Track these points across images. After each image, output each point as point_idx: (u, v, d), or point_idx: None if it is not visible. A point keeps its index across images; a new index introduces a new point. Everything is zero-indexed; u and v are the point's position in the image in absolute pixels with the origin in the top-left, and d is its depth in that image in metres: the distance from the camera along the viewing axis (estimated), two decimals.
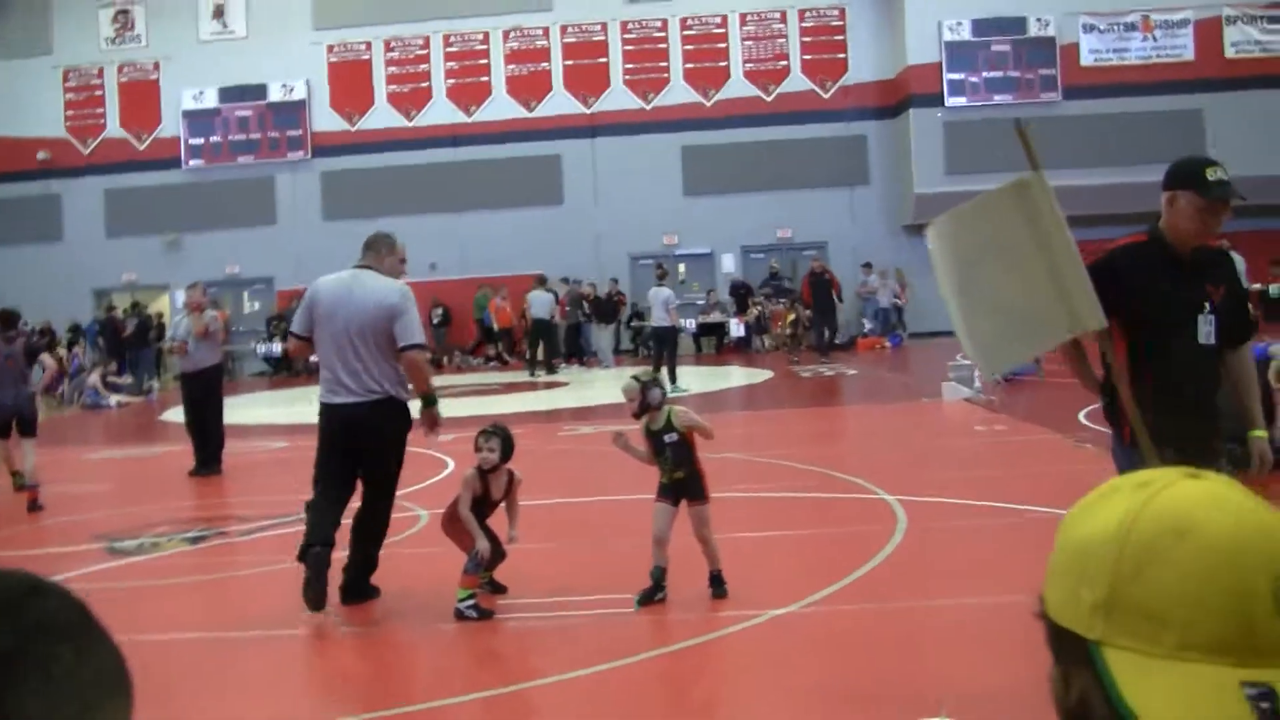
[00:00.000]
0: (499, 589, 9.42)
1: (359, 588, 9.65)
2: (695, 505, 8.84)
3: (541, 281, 36.00)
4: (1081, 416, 17.08)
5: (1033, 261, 5.87)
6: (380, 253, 10.20)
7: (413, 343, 9.65)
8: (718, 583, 8.87)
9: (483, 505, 9.25)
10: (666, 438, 8.84)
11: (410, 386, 9.81)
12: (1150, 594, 1.33)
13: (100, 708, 1.18)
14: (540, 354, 34.13)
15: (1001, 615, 7.94)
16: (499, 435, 9.36)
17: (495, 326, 38.64)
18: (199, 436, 17.67)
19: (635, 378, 9.08)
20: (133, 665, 1.27)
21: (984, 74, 39.04)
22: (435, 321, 39.49)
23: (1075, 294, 5.79)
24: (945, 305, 6.18)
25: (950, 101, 38.90)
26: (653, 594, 8.80)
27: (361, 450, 9.76)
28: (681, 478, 8.86)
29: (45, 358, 16.47)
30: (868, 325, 37.99)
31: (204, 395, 17.81)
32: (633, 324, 38.63)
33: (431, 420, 10.04)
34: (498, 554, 9.24)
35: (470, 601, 8.83)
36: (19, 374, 15.88)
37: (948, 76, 39.00)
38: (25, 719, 1.11)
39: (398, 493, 10.14)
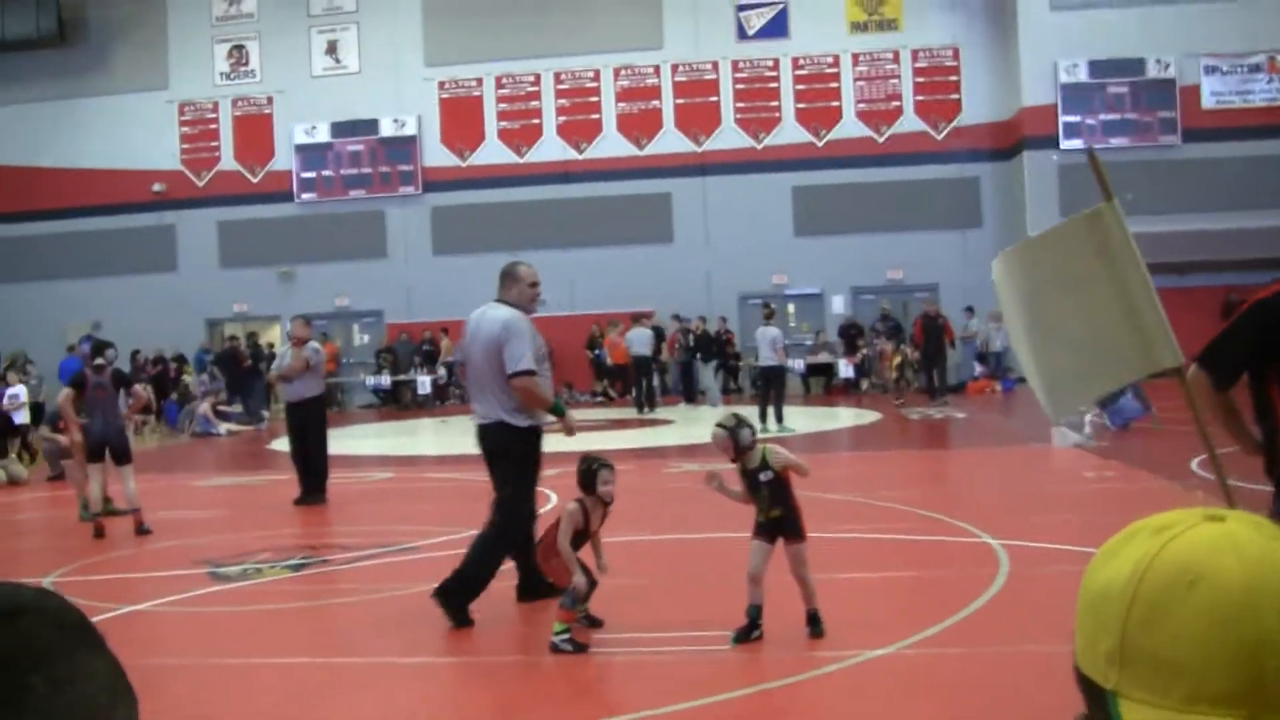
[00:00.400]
0: (595, 623, 9.40)
1: (448, 597, 9.81)
2: (792, 544, 8.77)
3: (637, 319, 36.07)
4: (1194, 465, 16.83)
5: (1105, 295, 5.64)
6: (506, 284, 10.67)
7: (516, 370, 10.12)
8: (814, 622, 8.79)
9: (581, 538, 9.23)
10: (761, 476, 8.77)
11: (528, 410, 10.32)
12: (1161, 645, 1.30)
13: None
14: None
15: None
16: (611, 468, 9.40)
17: (609, 362, 38.67)
18: (303, 465, 17.79)
19: (720, 424, 9.01)
20: (230, 689, 1.22)
21: (1101, 116, 38.51)
22: None
23: (1151, 329, 5.57)
24: (1011, 343, 6.02)
25: (1065, 144, 38.36)
26: (748, 632, 8.73)
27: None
28: (778, 516, 8.79)
29: (136, 388, 16.69)
30: (978, 369, 37.65)
31: (308, 425, 17.91)
32: (728, 364, 38.58)
33: (566, 427, 10.64)
34: (591, 585, 9.21)
35: (566, 635, 8.80)
36: (109, 403, 16.10)
37: (1063, 119, 38.52)
38: None
39: None
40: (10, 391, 25.50)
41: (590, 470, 9.33)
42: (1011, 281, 6.02)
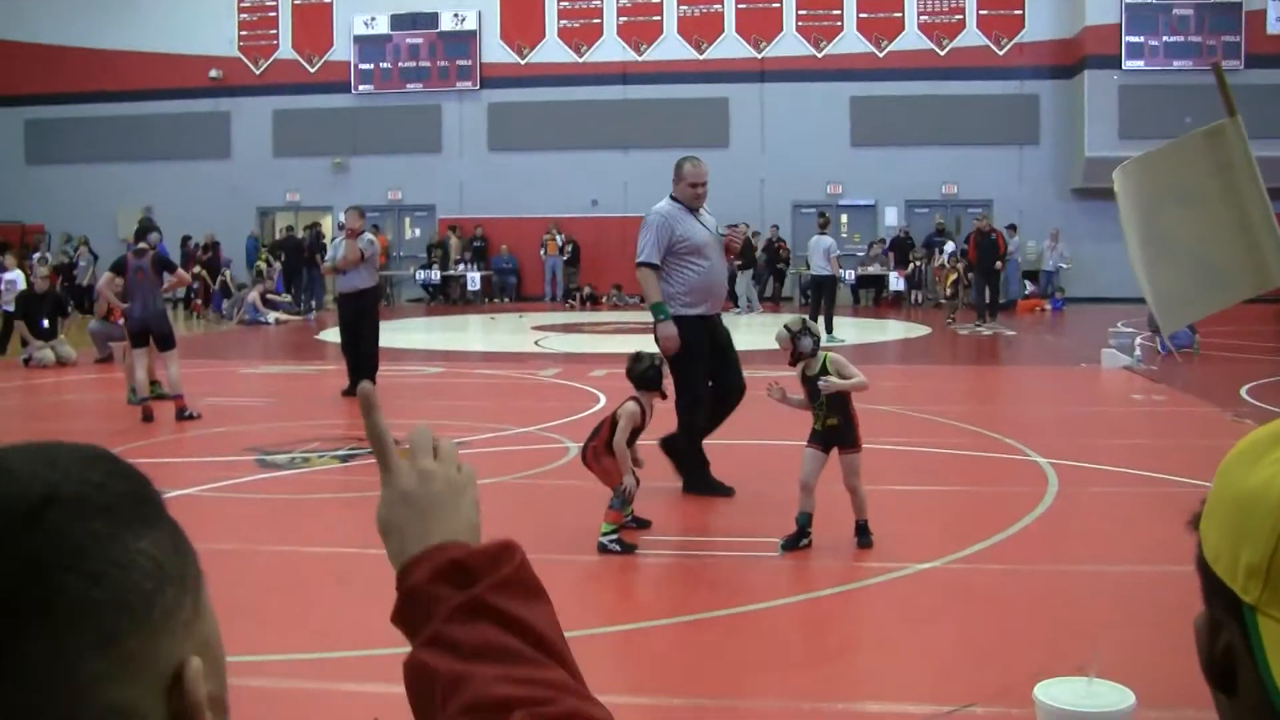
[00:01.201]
0: (643, 524, 9.42)
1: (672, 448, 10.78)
2: (847, 453, 8.76)
3: None
4: (1243, 392, 16.75)
5: (1223, 212, 5.60)
6: (675, 179, 11.34)
7: (637, 261, 10.98)
8: (863, 533, 8.79)
9: (634, 436, 9.21)
10: (821, 381, 8.74)
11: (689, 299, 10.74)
12: None
13: (119, 630, 1.03)
14: None
15: (1146, 583, 7.82)
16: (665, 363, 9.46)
17: None
18: (353, 358, 17.76)
19: (787, 326, 8.99)
20: (279, 574, 1.21)
21: (1164, 38, 38.11)
22: (565, 258, 39.76)
23: (1266, 247, 5.53)
24: (1128, 253, 5.98)
25: (1128, 64, 38.05)
26: (797, 540, 8.74)
27: None
28: (835, 424, 8.77)
29: (181, 272, 16.61)
30: (1029, 287, 37.45)
31: (360, 317, 17.78)
32: (777, 271, 38.51)
33: (659, 333, 10.67)
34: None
35: (614, 536, 8.82)
36: (149, 287, 16.01)
37: (1126, 39, 38.13)
38: (30, 667, 0.99)
39: (547, 424, 10.21)
40: (8, 277, 25.45)
41: (655, 367, 9.30)
42: (1130, 194, 5.96)
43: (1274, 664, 1.23)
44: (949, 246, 36.70)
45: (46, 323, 22.19)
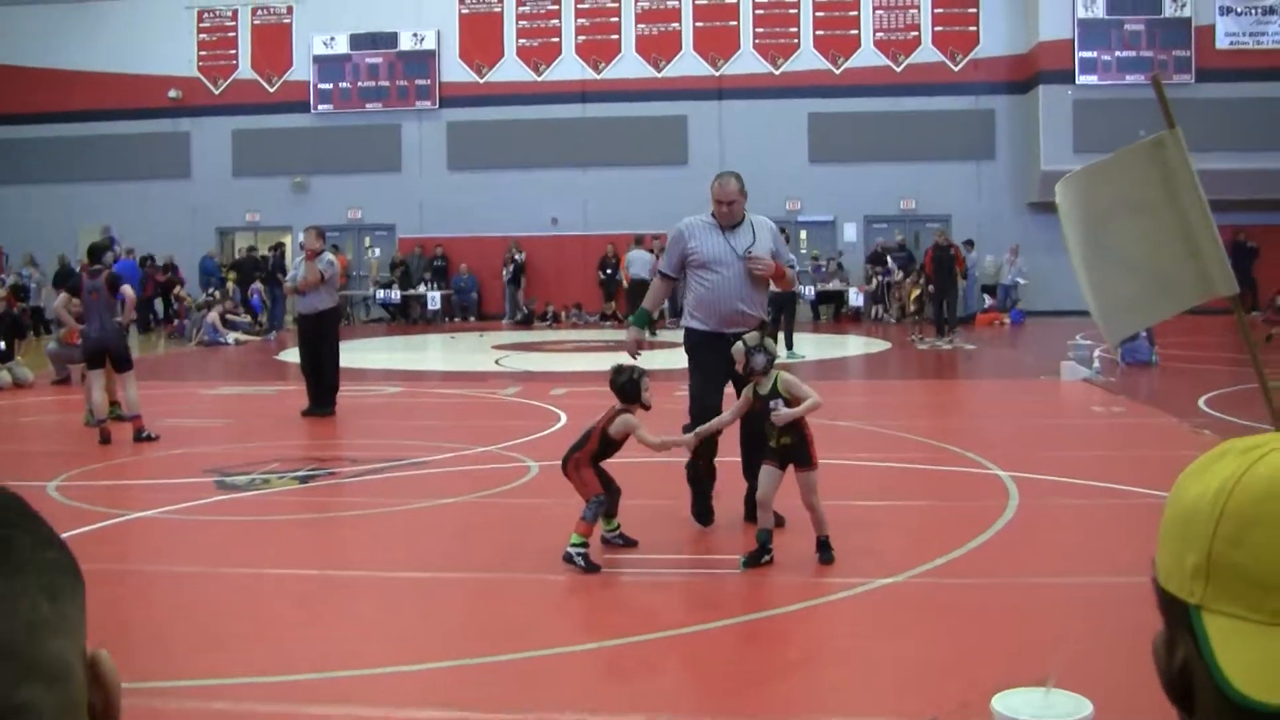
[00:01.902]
0: (630, 543, 9.41)
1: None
2: (803, 471, 8.77)
3: (639, 240, 36.09)
4: (1202, 402, 16.86)
5: (1165, 222, 5.69)
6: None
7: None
8: (825, 549, 8.80)
9: (607, 453, 9.22)
10: (772, 403, 8.77)
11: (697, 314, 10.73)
12: (1250, 558, 1.28)
13: (61, 591, 1.16)
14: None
15: (1108, 595, 7.86)
16: (647, 374, 9.50)
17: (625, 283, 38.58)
18: (313, 378, 17.77)
19: (744, 340, 9.02)
20: (235, 597, 1.27)
21: (1116, 53, 38.48)
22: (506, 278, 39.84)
23: (1209, 257, 5.62)
24: (1072, 264, 6.05)
25: (1081, 79, 38.42)
26: (759, 556, 8.75)
27: None
28: (789, 443, 8.79)
29: (126, 289, 16.40)
30: (988, 301, 37.66)
31: (320, 337, 17.84)
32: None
33: (628, 341, 11.22)
34: (616, 493, 9.21)
35: (582, 550, 8.79)
36: (105, 306, 15.84)
37: (1079, 54, 38.51)
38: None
39: (507, 443, 10.21)
40: None
41: (634, 380, 9.28)
42: (1073, 206, 6.04)
43: (1219, 652, 1.27)
44: (891, 263, 37.02)
45: (3, 344, 22.01)
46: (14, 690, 1.08)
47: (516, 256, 39.87)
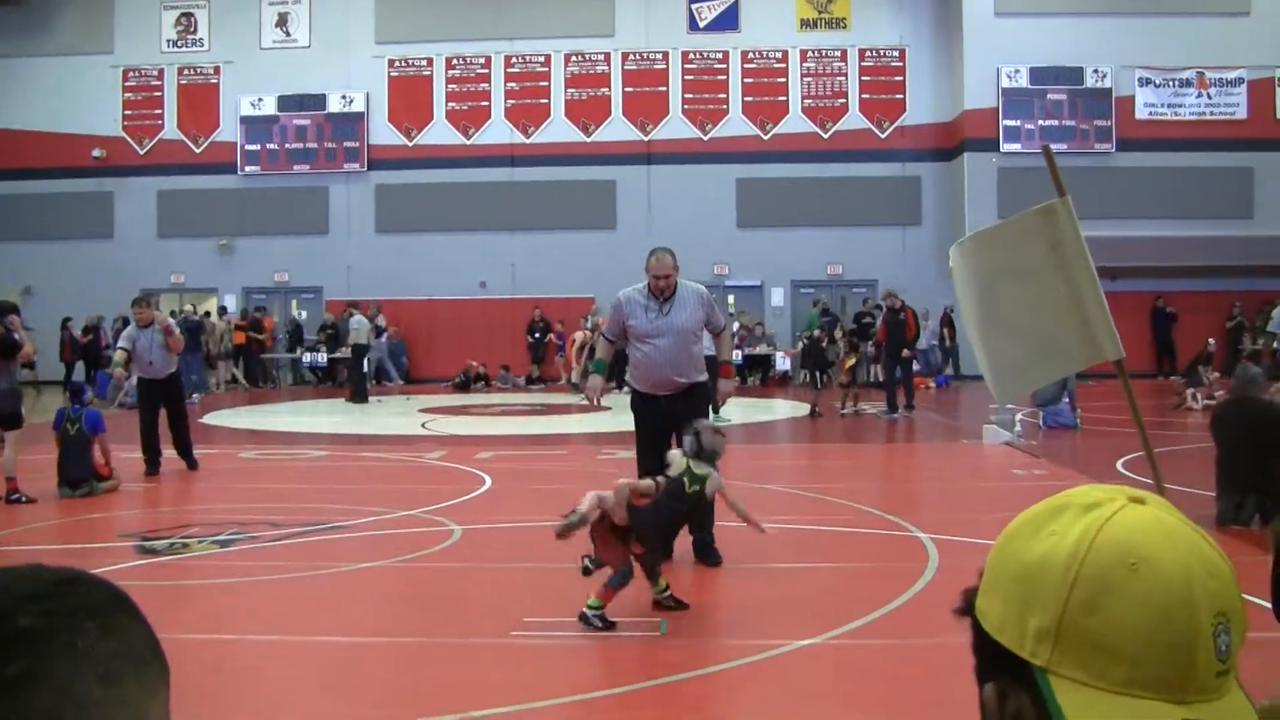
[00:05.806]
0: (681, 606, 9.37)
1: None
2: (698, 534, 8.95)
3: (354, 305, 37.01)
4: (1119, 465, 17.03)
5: (1055, 287, 5.86)
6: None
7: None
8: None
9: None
10: (690, 489, 8.98)
11: (635, 376, 11.93)
12: (1105, 626, 1.32)
13: (124, 676, 1.28)
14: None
15: None
16: None
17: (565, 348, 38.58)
18: (152, 439, 18.56)
19: (701, 428, 9.53)
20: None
21: (1040, 122, 39.22)
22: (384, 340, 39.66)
23: (1096, 322, 5.78)
24: (964, 328, 6.19)
25: (1005, 147, 39.02)
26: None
27: None
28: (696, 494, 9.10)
29: (26, 349, 16.10)
30: (915, 366, 37.66)
31: (168, 402, 18.75)
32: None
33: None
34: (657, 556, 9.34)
35: (599, 612, 8.84)
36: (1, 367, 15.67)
37: (1004, 122, 39.21)
38: (53, 681, 1.21)
39: (430, 507, 10.20)
40: None
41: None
42: (966, 270, 6.19)
43: (1071, 718, 1.30)
44: (816, 332, 36.92)
45: None
46: None
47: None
